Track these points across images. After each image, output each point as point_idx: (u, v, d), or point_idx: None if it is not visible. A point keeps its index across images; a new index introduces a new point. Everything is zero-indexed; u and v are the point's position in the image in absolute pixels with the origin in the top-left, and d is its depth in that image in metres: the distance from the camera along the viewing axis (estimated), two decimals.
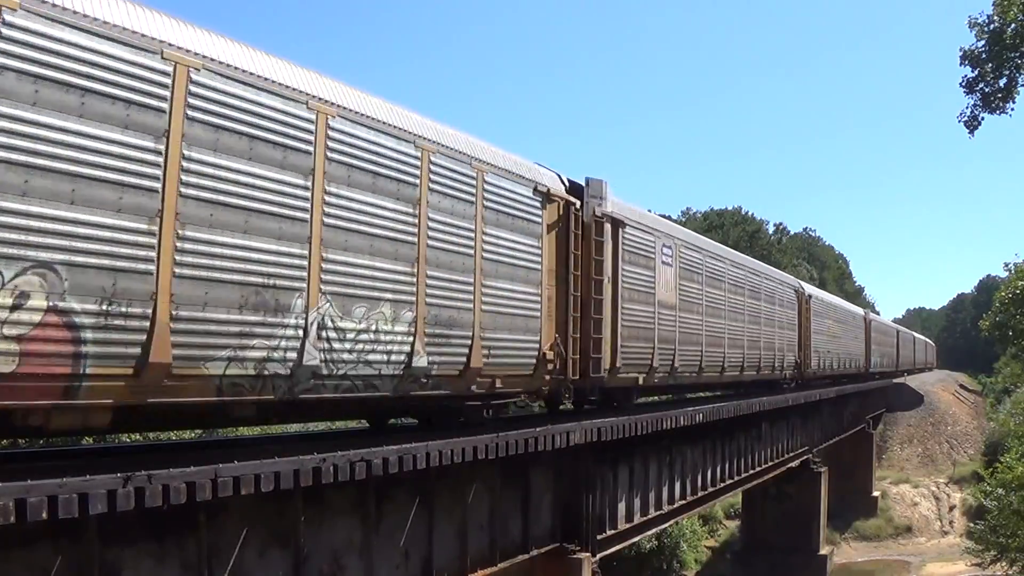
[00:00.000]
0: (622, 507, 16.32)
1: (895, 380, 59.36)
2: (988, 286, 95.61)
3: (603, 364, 13.77)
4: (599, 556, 14.81)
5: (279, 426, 14.48)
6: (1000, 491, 28.10)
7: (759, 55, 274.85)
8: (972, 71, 21.63)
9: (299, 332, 8.13)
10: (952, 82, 33.15)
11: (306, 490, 8.25)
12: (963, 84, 21.87)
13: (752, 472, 25.21)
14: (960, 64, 21.78)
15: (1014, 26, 20.58)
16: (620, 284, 14.62)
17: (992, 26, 20.96)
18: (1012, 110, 21.68)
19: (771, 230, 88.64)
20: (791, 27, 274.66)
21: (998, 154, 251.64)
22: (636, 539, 18.43)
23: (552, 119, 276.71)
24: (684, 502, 19.75)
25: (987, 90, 21.57)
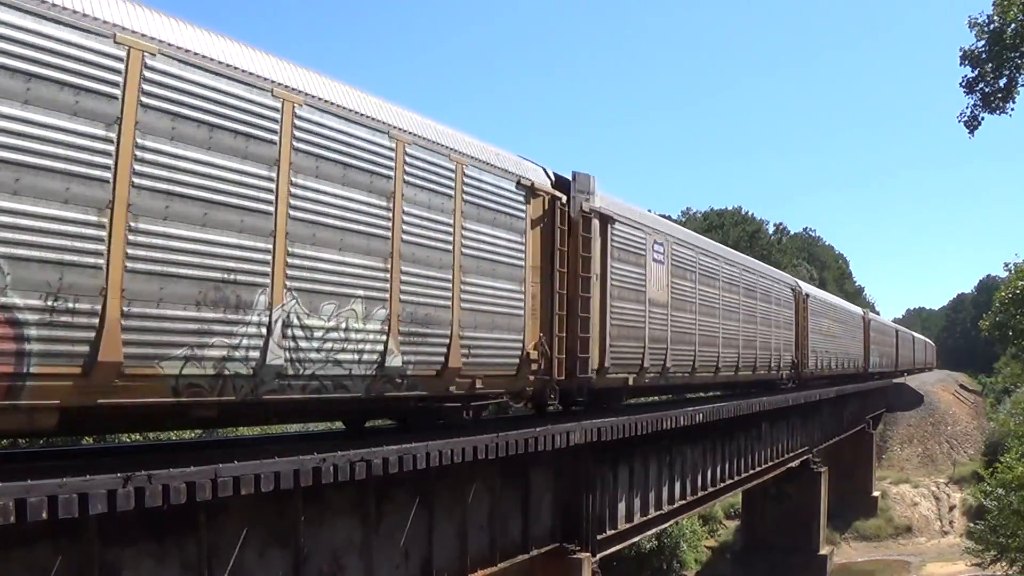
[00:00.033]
0: (622, 507, 16.13)
1: (895, 380, 58.83)
2: (988, 286, 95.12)
3: (591, 364, 13.25)
4: (599, 556, 14.65)
5: (279, 426, 14.16)
6: (1000, 491, 27.89)
7: (759, 55, 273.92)
8: (972, 71, 21.51)
9: (262, 330, 7.68)
10: (952, 82, 33.16)
11: (306, 490, 8.16)
12: (963, 84, 21.74)
13: (752, 472, 24.90)
14: (960, 64, 21.71)
15: (1014, 26, 20.46)
16: (609, 282, 14.07)
17: (992, 26, 20.82)
18: (1012, 110, 21.61)
19: (771, 230, 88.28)
20: (791, 27, 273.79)
21: (998, 154, 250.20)
22: (636, 539, 18.20)
23: (552, 119, 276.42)
24: (684, 502, 19.53)
25: (987, 90, 21.44)
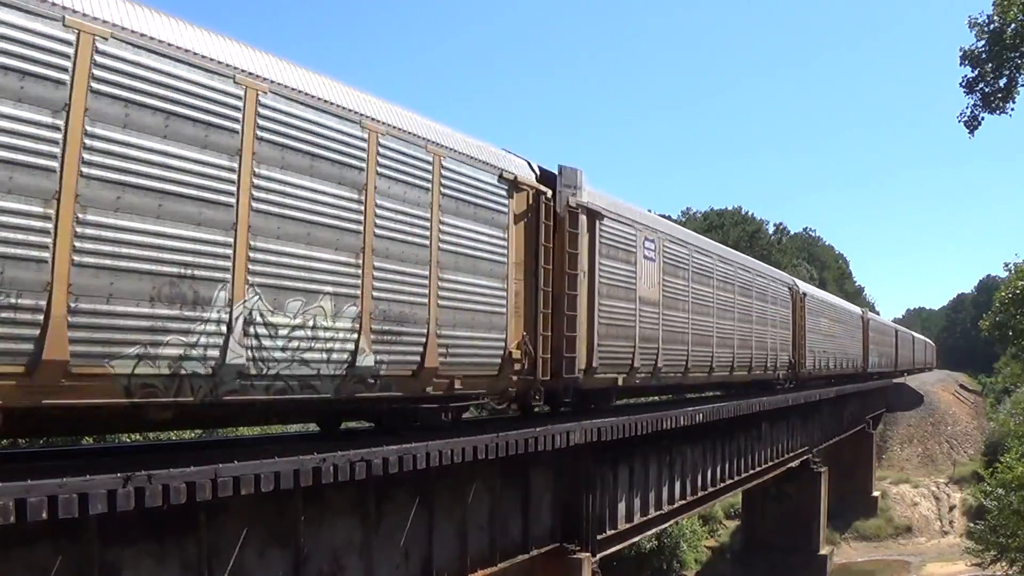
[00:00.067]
0: (622, 507, 15.92)
1: (895, 380, 58.22)
2: (988, 286, 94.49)
3: (578, 364, 12.72)
4: (599, 556, 14.48)
5: (278, 426, 13.82)
6: (1000, 491, 27.76)
7: (759, 55, 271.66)
8: (972, 71, 21.29)
9: (221, 328, 7.24)
10: (952, 82, 32.90)
11: (306, 490, 8.06)
12: (963, 84, 21.51)
13: (752, 472, 24.64)
14: (960, 64, 21.48)
15: (1014, 26, 20.27)
16: (597, 279, 13.50)
17: (992, 26, 20.61)
18: (1012, 110, 21.39)
19: (771, 230, 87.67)
20: (791, 27, 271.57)
21: (998, 154, 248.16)
22: (636, 539, 17.98)
23: (552, 119, 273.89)
24: (684, 502, 19.31)
25: (987, 90, 21.26)
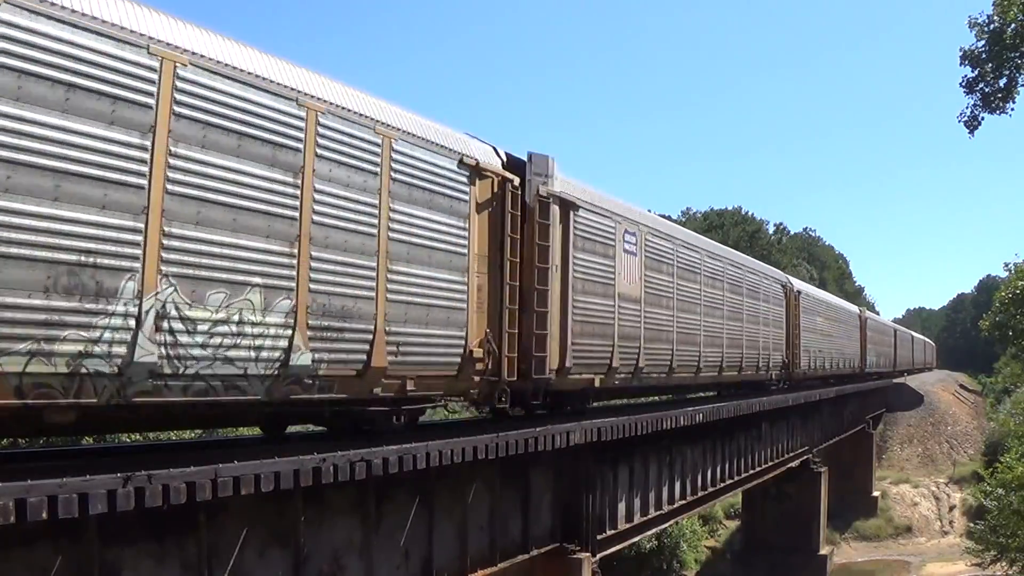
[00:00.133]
0: (622, 507, 15.63)
1: (894, 380, 57.23)
2: (988, 286, 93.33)
3: (549, 364, 11.75)
4: (599, 556, 14.22)
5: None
6: (1000, 491, 27.43)
7: (759, 55, 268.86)
8: (972, 71, 20.86)
9: (129, 322, 6.42)
10: (952, 82, 32.36)
11: (306, 490, 7.93)
12: (963, 84, 21.09)
13: (752, 472, 24.23)
14: (960, 64, 21.06)
15: (1014, 26, 19.87)
16: (571, 274, 12.52)
17: (992, 26, 20.34)
18: (1012, 110, 20.97)
19: (771, 230, 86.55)
20: (791, 27, 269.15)
21: (998, 154, 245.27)
22: (636, 539, 17.66)
23: (552, 119, 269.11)
24: (684, 502, 18.97)
25: (987, 90, 21.00)
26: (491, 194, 10.86)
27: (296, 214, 7.83)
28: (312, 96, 8.13)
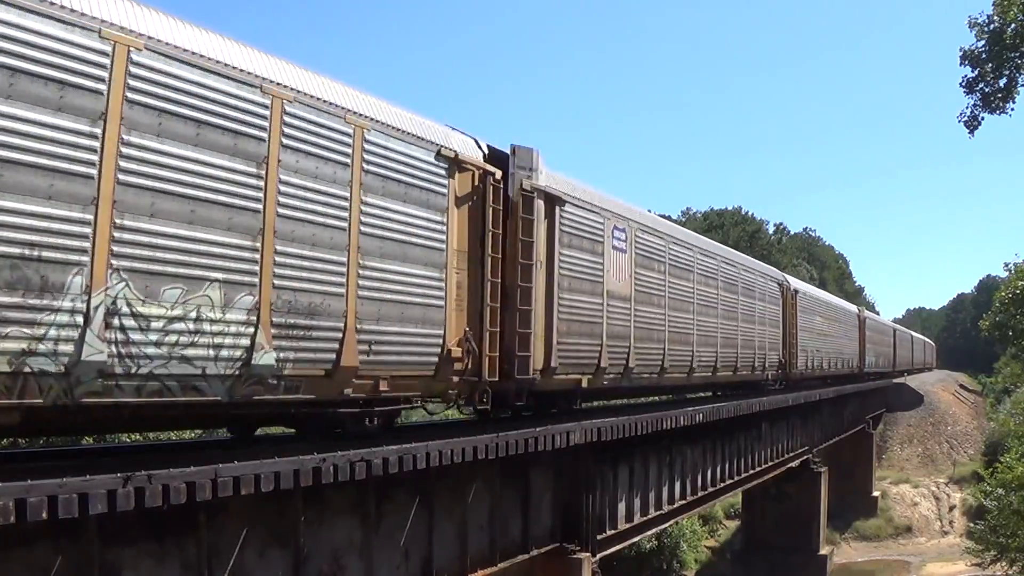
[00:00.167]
0: (622, 507, 15.55)
1: (894, 381, 56.80)
2: (988, 286, 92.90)
3: (533, 364, 11.31)
4: (599, 556, 14.15)
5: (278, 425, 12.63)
6: (1000, 491, 27.33)
7: (759, 55, 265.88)
8: (972, 71, 20.69)
9: (77, 319, 6.08)
10: (952, 82, 32.07)
11: (306, 490, 7.88)
12: (963, 84, 20.91)
13: (752, 472, 24.07)
14: (960, 64, 20.86)
15: (1014, 26, 19.68)
16: (557, 270, 12.06)
17: (992, 26, 20.14)
18: (1012, 110, 20.77)
19: (771, 230, 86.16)
20: (791, 27, 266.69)
21: (998, 154, 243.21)
22: (636, 539, 17.56)
23: (552, 119, 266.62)
24: (684, 502, 18.85)
25: (987, 90, 20.82)
26: (471, 187, 10.45)
27: (259, 206, 7.46)
28: (278, 83, 7.76)
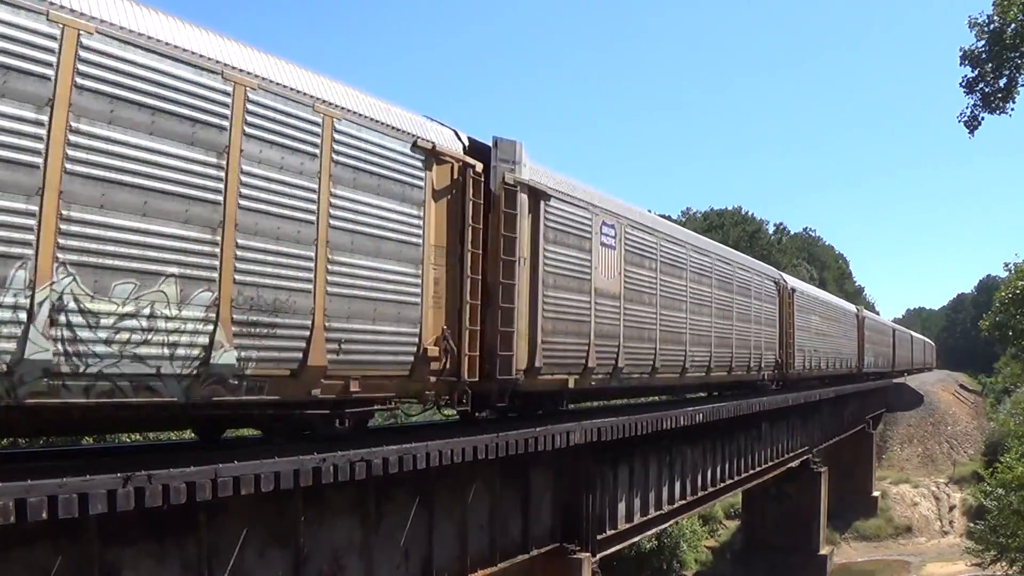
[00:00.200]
0: (622, 507, 15.49)
1: (893, 381, 56.58)
2: (988, 286, 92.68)
3: (516, 363, 10.81)
4: (599, 556, 14.10)
5: None
6: (1000, 491, 27.26)
7: (759, 55, 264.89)
8: (972, 71, 20.62)
9: (20, 315, 5.74)
10: (952, 82, 31.78)
11: (306, 490, 7.84)
12: (963, 84, 20.84)
13: (752, 472, 24.03)
14: (960, 64, 20.77)
15: (1014, 26, 19.59)
16: (542, 267, 11.61)
17: (992, 26, 20.00)
18: (1012, 110, 20.68)
19: (771, 230, 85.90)
20: (791, 27, 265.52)
21: (998, 154, 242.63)
22: (636, 539, 17.51)
23: (552, 119, 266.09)
24: (684, 502, 18.80)
25: (987, 90, 20.72)
26: (450, 180, 9.98)
27: (219, 198, 7.07)
28: (241, 70, 7.38)
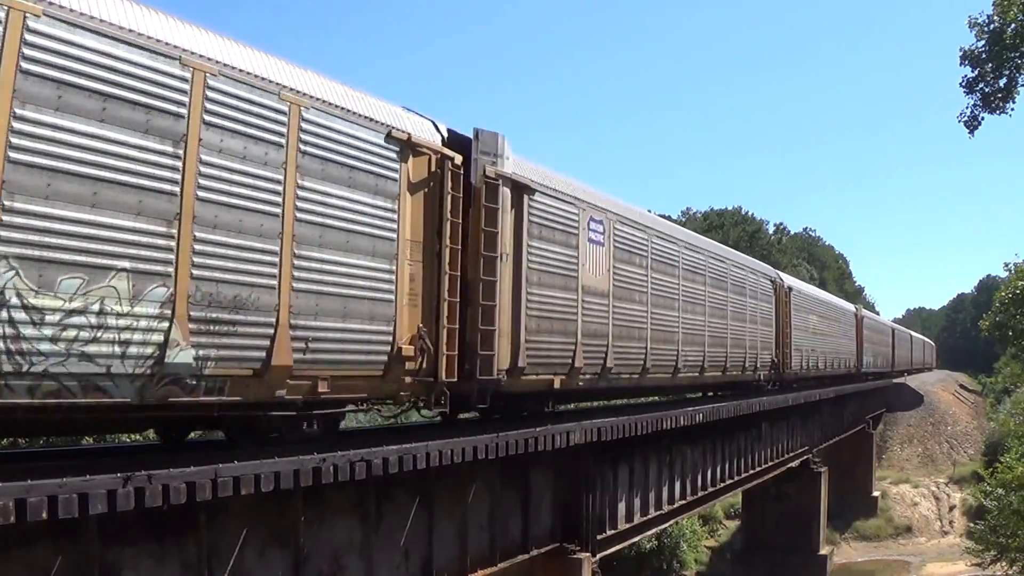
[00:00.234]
0: (622, 507, 15.45)
1: (893, 381, 56.39)
2: (988, 286, 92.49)
3: (497, 363, 10.43)
4: (599, 556, 14.06)
5: None
6: (1000, 491, 27.21)
7: (759, 54, 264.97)
8: (972, 71, 20.54)
9: None
10: (952, 82, 31.72)
11: (306, 490, 7.80)
12: (963, 84, 20.76)
13: (752, 472, 23.99)
14: (960, 64, 20.67)
15: (1014, 26, 19.51)
16: (525, 264, 11.22)
17: (992, 26, 19.87)
18: (1012, 110, 20.58)
19: (771, 230, 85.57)
20: (791, 26, 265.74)
21: (998, 154, 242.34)
22: (636, 539, 17.47)
23: (552, 119, 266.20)
24: (684, 502, 18.77)
25: (987, 90, 20.55)
26: (427, 173, 9.58)
27: (176, 189, 6.71)
28: (200, 56, 7.04)
